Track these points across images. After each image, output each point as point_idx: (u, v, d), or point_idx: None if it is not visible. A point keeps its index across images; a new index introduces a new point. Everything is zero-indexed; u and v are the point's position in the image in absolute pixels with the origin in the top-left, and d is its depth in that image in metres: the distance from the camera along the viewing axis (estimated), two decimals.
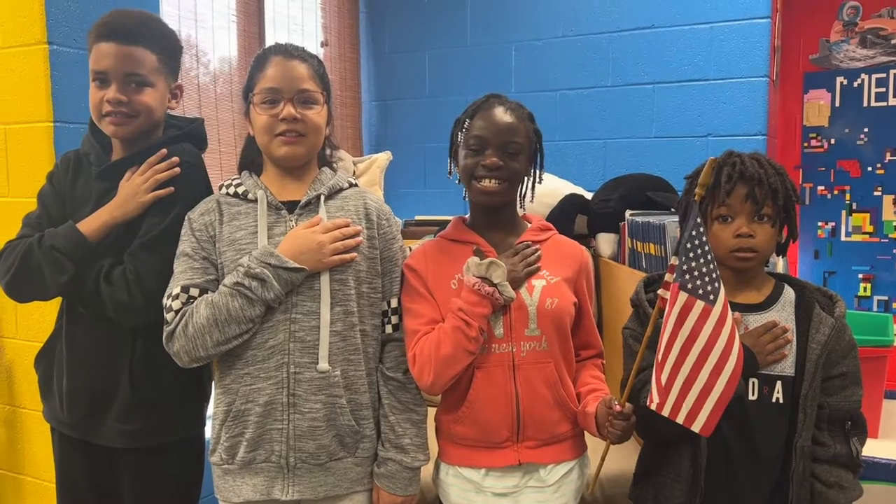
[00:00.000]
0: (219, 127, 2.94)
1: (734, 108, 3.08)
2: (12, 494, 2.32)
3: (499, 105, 1.51)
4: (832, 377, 1.43)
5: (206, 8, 2.88)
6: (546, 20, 3.42)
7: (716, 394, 1.27)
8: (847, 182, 3.64)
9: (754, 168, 1.40)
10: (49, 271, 1.49)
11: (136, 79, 1.53)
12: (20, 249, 1.52)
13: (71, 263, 1.49)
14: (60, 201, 1.61)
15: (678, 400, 1.29)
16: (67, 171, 1.63)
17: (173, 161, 1.54)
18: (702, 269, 1.28)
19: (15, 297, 1.58)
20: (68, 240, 1.50)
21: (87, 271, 1.51)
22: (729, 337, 1.27)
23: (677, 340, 1.28)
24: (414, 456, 1.51)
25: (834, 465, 1.42)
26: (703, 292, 1.27)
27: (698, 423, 1.29)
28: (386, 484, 1.50)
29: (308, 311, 1.43)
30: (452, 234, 1.59)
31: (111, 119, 1.53)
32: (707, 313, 1.27)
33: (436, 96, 3.67)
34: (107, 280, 1.49)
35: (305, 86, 1.47)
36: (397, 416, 1.51)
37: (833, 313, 1.44)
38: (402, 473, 1.50)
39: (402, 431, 1.50)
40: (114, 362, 1.55)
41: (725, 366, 1.26)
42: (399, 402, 1.52)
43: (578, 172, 3.24)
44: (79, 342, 1.58)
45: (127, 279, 1.48)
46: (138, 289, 1.47)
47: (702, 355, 1.27)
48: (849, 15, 3.59)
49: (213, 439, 1.49)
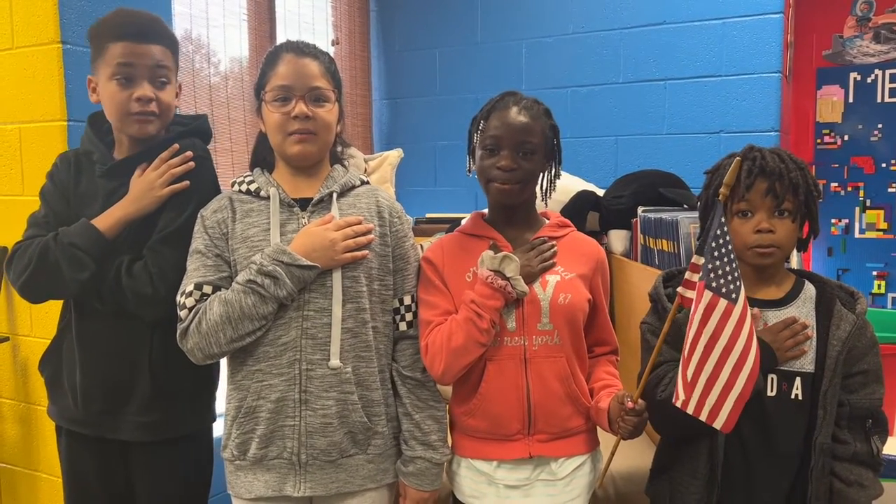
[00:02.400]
0: (230, 125, 2.95)
1: (747, 105, 3.06)
2: (27, 491, 2.34)
3: (514, 104, 1.51)
4: (853, 374, 1.42)
5: (217, 7, 2.89)
6: (557, 17, 3.41)
7: (736, 391, 1.27)
8: (861, 179, 3.61)
9: (775, 163, 1.39)
10: (68, 269, 1.49)
11: (162, 75, 1.55)
12: (35, 249, 1.51)
13: (90, 260, 1.49)
14: (65, 200, 1.60)
15: (702, 397, 1.29)
16: (69, 170, 1.62)
17: (187, 156, 1.55)
18: (725, 269, 1.28)
19: (30, 296, 1.57)
20: (86, 237, 1.50)
21: (106, 267, 1.51)
22: (748, 335, 1.27)
23: (701, 338, 1.29)
24: (442, 452, 1.53)
25: (854, 463, 1.41)
26: (725, 291, 1.28)
27: (720, 421, 1.29)
28: (415, 482, 1.51)
29: (320, 308, 1.44)
30: (470, 228, 1.60)
31: (139, 118, 1.54)
32: (729, 312, 1.27)
33: (446, 94, 3.67)
34: (129, 274, 1.50)
35: (317, 83, 1.47)
36: (421, 414, 1.52)
37: (854, 310, 1.43)
38: (432, 470, 1.52)
39: (427, 429, 1.51)
40: (132, 356, 1.55)
41: (745, 363, 1.27)
42: (420, 399, 1.53)
43: (590, 169, 3.24)
44: (91, 339, 1.58)
45: (150, 272, 1.49)
46: (162, 281, 1.48)
47: (724, 353, 1.28)
48: (862, 10, 3.56)
49: (225, 435, 1.49)
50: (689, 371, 1.30)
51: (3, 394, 2.36)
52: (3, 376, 2.34)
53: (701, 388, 1.29)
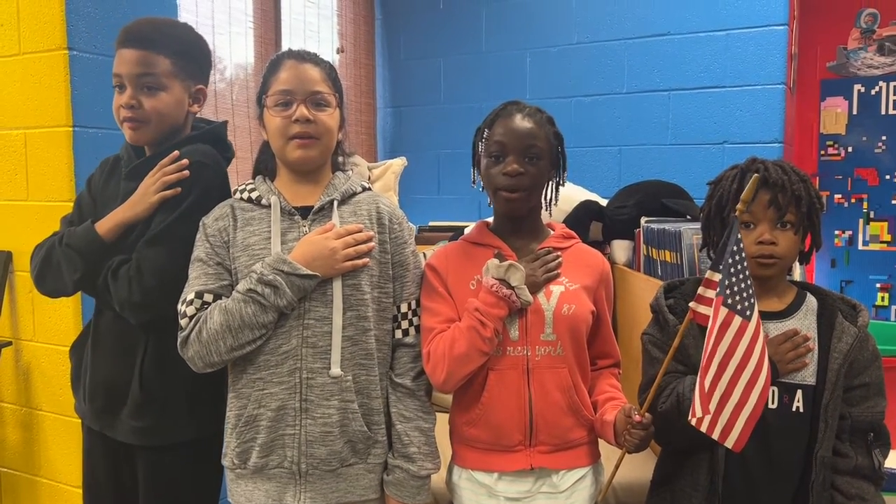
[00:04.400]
0: (235, 132, 2.96)
1: (750, 116, 3.06)
2: (28, 496, 2.34)
3: (517, 111, 1.52)
4: (854, 387, 1.42)
5: (223, 14, 2.91)
6: (561, 27, 3.43)
7: (748, 409, 1.27)
8: (864, 190, 3.61)
9: (778, 174, 1.39)
10: (66, 268, 1.55)
11: (148, 82, 1.56)
12: (45, 247, 1.60)
13: (81, 261, 1.53)
14: (93, 203, 1.66)
15: (715, 415, 1.29)
16: (102, 174, 1.69)
17: (182, 163, 1.55)
18: (740, 285, 1.28)
19: (41, 290, 1.64)
20: (82, 238, 1.54)
21: (100, 269, 1.54)
22: (761, 353, 1.27)
23: (716, 356, 1.28)
24: (420, 465, 1.50)
25: (855, 476, 1.40)
26: (740, 308, 1.28)
27: (731, 439, 1.29)
28: (394, 491, 1.50)
29: (321, 316, 1.44)
30: (475, 237, 1.60)
31: (128, 124, 1.57)
32: (743, 329, 1.27)
33: (451, 103, 3.69)
34: (113, 276, 1.52)
35: (318, 88, 1.47)
36: (405, 425, 1.50)
37: (856, 323, 1.43)
38: (410, 482, 1.49)
39: (408, 440, 1.50)
40: (127, 358, 1.57)
41: (757, 381, 1.26)
42: (407, 409, 1.51)
43: (593, 179, 3.24)
44: (101, 337, 1.63)
45: (129, 276, 1.50)
46: (137, 285, 1.49)
47: (737, 371, 1.27)
48: (866, 22, 3.56)
49: (225, 443, 1.49)
50: (704, 389, 1.30)
51: (5, 398, 2.36)
52: (5, 381, 2.35)
53: (715, 405, 1.28)
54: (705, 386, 1.29)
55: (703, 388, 1.30)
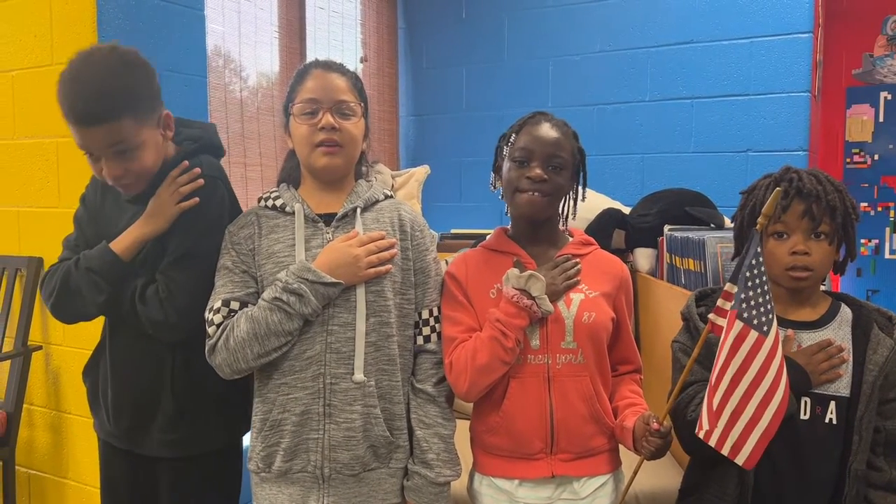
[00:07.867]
0: (260, 140, 3.00)
1: (775, 124, 3.04)
2: (55, 498, 2.38)
3: (545, 121, 1.54)
4: (890, 400, 1.39)
5: (249, 25, 2.95)
6: (584, 35, 3.43)
7: (761, 427, 1.24)
8: (891, 198, 3.56)
9: (812, 184, 1.37)
10: (88, 293, 1.52)
11: (122, 149, 1.45)
12: (60, 273, 1.55)
13: (106, 284, 1.51)
14: (94, 222, 1.63)
15: (725, 430, 1.26)
16: (96, 193, 1.65)
17: (195, 172, 1.54)
18: (758, 300, 1.25)
19: (60, 318, 1.61)
20: (102, 261, 1.52)
21: (123, 290, 1.53)
22: (778, 371, 1.24)
23: (729, 369, 1.26)
24: (438, 471, 1.50)
25: (889, 490, 1.37)
26: (757, 322, 1.25)
27: (742, 456, 1.26)
28: (413, 497, 1.51)
29: (344, 322, 1.45)
30: (494, 244, 1.60)
31: (120, 187, 1.52)
32: (760, 344, 1.24)
33: (473, 111, 3.70)
34: (141, 300, 1.51)
35: (344, 97, 1.49)
36: (424, 432, 1.51)
37: (892, 334, 1.40)
38: (428, 488, 1.50)
39: (427, 447, 1.50)
40: (155, 374, 1.57)
41: (773, 399, 1.24)
42: (427, 416, 1.52)
43: (616, 187, 3.24)
44: (120, 356, 1.61)
45: (160, 298, 1.50)
46: (172, 307, 1.49)
47: (751, 387, 1.25)
48: (893, 29, 3.53)
49: (251, 447, 1.51)
50: (714, 402, 1.27)
51: (35, 401, 2.40)
52: (36, 384, 2.39)
53: (725, 420, 1.26)
54: (714, 400, 1.27)
55: (712, 401, 1.27)
